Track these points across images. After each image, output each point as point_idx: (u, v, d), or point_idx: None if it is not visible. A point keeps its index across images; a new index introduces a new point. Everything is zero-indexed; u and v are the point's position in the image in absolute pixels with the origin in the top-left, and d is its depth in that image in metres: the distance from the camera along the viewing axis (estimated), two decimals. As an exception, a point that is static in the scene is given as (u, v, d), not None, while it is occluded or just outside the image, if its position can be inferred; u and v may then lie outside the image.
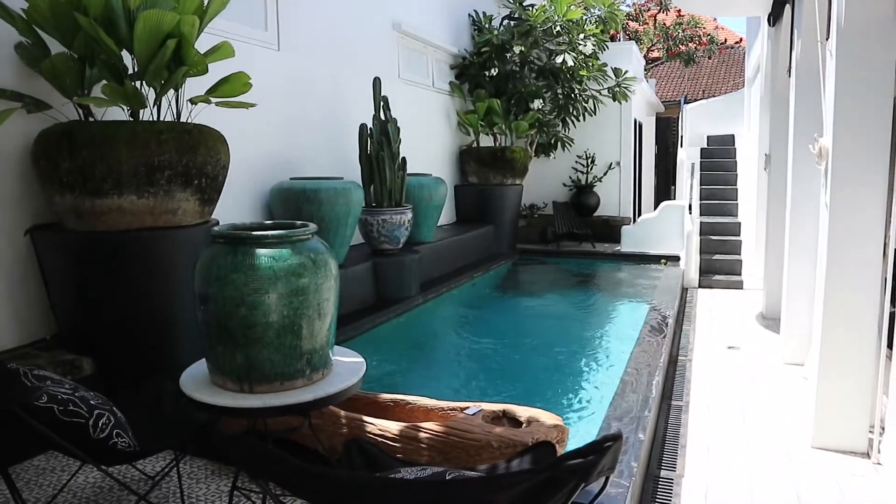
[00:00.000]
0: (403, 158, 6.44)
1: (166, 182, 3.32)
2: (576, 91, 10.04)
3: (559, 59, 9.49)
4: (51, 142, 3.24)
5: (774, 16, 6.37)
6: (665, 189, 16.32)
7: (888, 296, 3.43)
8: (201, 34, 3.46)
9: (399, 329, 5.79)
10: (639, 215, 12.04)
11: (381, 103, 6.31)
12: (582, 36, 9.71)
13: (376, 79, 6.37)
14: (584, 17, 10.10)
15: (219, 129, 3.70)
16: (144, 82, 3.40)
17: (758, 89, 8.33)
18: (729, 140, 12.28)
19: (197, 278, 2.36)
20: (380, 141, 6.22)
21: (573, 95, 10.05)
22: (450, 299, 6.96)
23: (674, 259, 9.10)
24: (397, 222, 6.22)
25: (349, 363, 2.60)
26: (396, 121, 6.41)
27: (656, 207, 10.34)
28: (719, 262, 8.63)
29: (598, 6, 10.35)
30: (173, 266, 3.44)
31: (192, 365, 2.58)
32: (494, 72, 9.33)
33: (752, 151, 9.03)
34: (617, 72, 10.50)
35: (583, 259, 9.90)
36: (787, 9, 5.48)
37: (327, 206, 5.21)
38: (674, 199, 12.19)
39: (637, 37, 18.94)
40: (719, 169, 11.28)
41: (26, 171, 3.49)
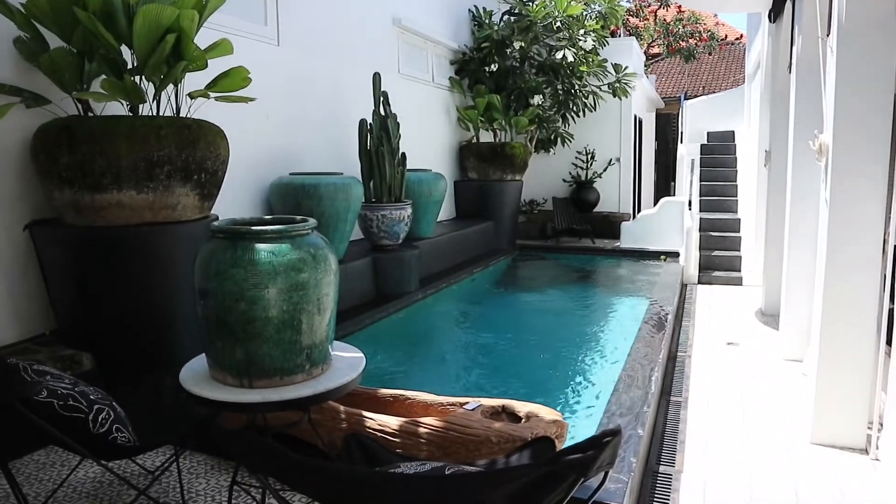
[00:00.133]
0: (403, 154, 6.44)
1: (166, 177, 3.32)
2: (576, 87, 10.03)
3: (559, 55, 9.48)
4: (50, 137, 3.23)
5: (775, 12, 6.36)
6: (665, 185, 16.32)
7: (887, 292, 3.44)
8: (200, 29, 3.46)
9: (399, 324, 5.79)
10: (638, 211, 12.03)
11: (381, 99, 6.30)
12: (582, 32, 9.69)
13: (376, 74, 6.36)
14: (585, 13, 10.07)
15: (218, 124, 3.69)
16: (144, 77, 3.39)
17: (758, 86, 8.32)
18: (729, 136, 12.25)
19: (196, 273, 2.36)
20: (379, 136, 6.21)
21: (573, 91, 10.05)
22: (449, 295, 6.96)
23: (673, 255, 9.09)
24: (397, 218, 6.21)
25: (348, 358, 2.61)
26: (396, 116, 6.40)
27: (656, 204, 10.34)
28: (719, 258, 8.63)
29: (598, 2, 10.33)
30: (173, 261, 3.44)
31: (192, 360, 2.58)
32: (494, 67, 9.33)
33: (752, 148, 9.02)
34: (617, 68, 10.48)
35: (582, 255, 9.89)
36: (788, 5, 5.47)
37: (327, 201, 5.21)
38: (673, 196, 12.19)
39: (637, 33, 18.92)
40: (719, 165, 11.24)
41: (25, 166, 3.48)
